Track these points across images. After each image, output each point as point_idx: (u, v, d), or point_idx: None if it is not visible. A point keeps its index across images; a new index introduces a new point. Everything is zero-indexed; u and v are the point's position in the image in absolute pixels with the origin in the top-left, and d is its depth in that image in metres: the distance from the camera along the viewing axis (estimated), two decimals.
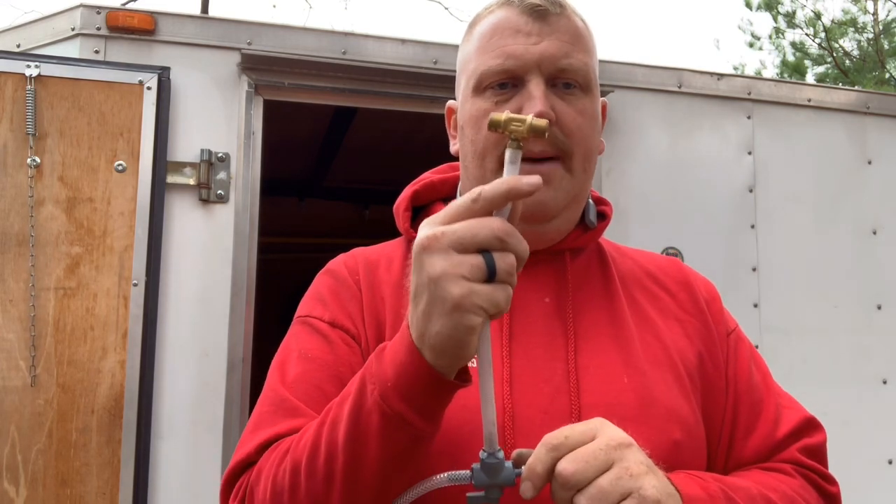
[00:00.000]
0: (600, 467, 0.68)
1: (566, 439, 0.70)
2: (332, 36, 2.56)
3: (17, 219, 2.12)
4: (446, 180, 1.05)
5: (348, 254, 1.01)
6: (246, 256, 2.35)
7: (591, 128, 0.92)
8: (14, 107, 2.15)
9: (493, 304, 0.64)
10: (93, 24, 2.30)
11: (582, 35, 0.92)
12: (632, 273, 1.01)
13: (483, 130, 0.90)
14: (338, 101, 2.63)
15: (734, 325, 1.01)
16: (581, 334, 0.90)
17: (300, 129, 3.80)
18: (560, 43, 0.89)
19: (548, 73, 0.88)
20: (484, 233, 0.64)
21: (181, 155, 2.31)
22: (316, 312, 0.94)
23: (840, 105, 3.11)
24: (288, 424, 0.83)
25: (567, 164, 0.90)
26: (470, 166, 0.94)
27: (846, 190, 3.07)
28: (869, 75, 13.69)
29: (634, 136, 2.82)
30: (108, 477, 2.10)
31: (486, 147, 0.90)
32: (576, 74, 0.90)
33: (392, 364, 0.70)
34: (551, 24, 0.89)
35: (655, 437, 0.84)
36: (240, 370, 2.30)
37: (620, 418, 0.83)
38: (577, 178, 0.92)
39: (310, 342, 0.90)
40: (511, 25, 0.89)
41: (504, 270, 0.64)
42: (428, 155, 3.60)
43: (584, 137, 0.91)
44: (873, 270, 3.05)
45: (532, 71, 0.88)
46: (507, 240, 0.64)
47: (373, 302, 0.93)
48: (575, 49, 0.90)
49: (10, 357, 2.07)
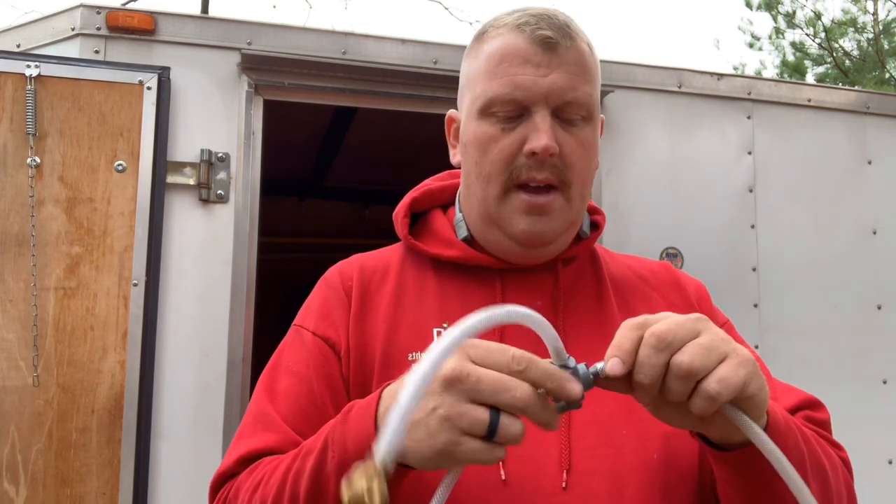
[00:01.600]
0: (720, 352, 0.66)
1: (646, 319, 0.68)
2: (332, 36, 2.56)
3: (18, 219, 2.12)
4: (445, 188, 1.08)
5: (347, 260, 1.04)
6: (246, 256, 2.35)
7: (589, 157, 0.95)
8: (14, 107, 2.15)
9: (474, 460, 0.63)
10: (93, 24, 2.30)
11: (587, 65, 0.94)
12: (623, 276, 1.04)
13: (488, 155, 0.92)
14: (338, 101, 2.63)
15: (725, 320, 1.04)
16: (571, 336, 0.92)
17: (300, 129, 3.81)
18: (567, 76, 0.91)
19: (554, 106, 0.91)
20: (507, 397, 0.63)
21: (181, 155, 2.31)
22: (305, 321, 0.98)
23: (840, 105, 3.11)
24: (264, 440, 0.88)
25: (566, 193, 0.93)
26: (473, 186, 0.97)
27: (846, 190, 3.07)
28: (869, 75, 13.69)
29: (634, 136, 2.82)
30: (108, 477, 2.10)
31: (490, 172, 0.93)
32: (580, 108, 0.92)
33: (355, 434, 0.71)
34: (560, 55, 0.90)
35: (644, 430, 0.86)
36: (240, 370, 2.30)
37: (608, 413, 0.87)
38: (575, 207, 0.95)
39: (296, 355, 0.95)
40: (520, 54, 0.90)
41: (504, 436, 0.63)
42: (428, 155, 3.61)
43: (583, 168, 0.94)
44: (873, 270, 3.05)
45: (539, 103, 0.90)
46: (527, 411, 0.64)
47: (362, 311, 0.95)
48: (580, 81, 0.92)
49: (10, 357, 2.07)
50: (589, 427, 0.86)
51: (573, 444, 0.85)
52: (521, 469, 0.84)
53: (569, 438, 0.85)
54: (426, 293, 0.96)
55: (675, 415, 0.70)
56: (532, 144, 0.89)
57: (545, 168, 0.90)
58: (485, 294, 0.95)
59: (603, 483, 0.84)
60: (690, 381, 0.65)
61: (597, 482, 0.84)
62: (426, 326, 0.93)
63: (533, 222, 0.92)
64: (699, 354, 0.64)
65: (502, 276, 0.97)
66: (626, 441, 0.86)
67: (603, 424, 0.86)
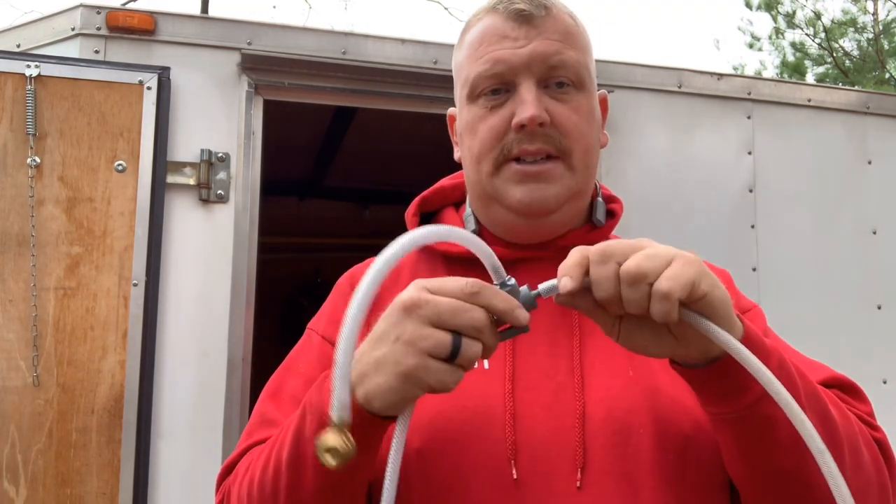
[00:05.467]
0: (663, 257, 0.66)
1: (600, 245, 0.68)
2: (332, 36, 2.56)
3: (18, 219, 2.12)
4: (457, 185, 1.07)
5: (359, 265, 1.04)
6: (246, 256, 2.35)
7: (587, 124, 0.93)
8: (14, 107, 2.15)
9: (440, 382, 0.65)
10: (93, 24, 2.30)
11: (571, 32, 0.92)
12: None
13: (478, 136, 0.91)
14: (338, 101, 2.63)
15: (751, 306, 1.01)
16: (586, 330, 0.89)
17: (300, 129, 3.80)
18: (548, 42, 0.89)
19: (539, 74, 0.89)
20: (464, 319, 0.65)
21: (181, 155, 2.31)
22: (316, 325, 1.01)
23: (840, 105, 3.11)
24: (268, 433, 0.89)
25: (567, 161, 0.91)
26: (468, 171, 0.96)
27: (846, 190, 3.07)
28: (869, 75, 13.69)
29: (634, 136, 2.82)
30: (108, 477, 2.10)
31: (481, 151, 0.92)
32: (567, 72, 0.90)
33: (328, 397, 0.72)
34: (537, 26, 0.90)
35: (663, 428, 0.83)
36: (240, 370, 2.30)
37: (626, 411, 0.84)
38: (579, 174, 0.92)
39: (304, 356, 0.97)
40: (497, 31, 0.91)
41: (466, 357, 0.65)
42: (428, 155, 3.61)
43: (581, 134, 0.91)
44: (873, 270, 3.04)
45: (522, 74, 0.89)
46: (482, 333, 0.66)
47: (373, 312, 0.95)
48: (564, 46, 0.90)
49: (10, 357, 2.07)
50: (604, 425, 0.83)
51: (588, 442, 0.82)
52: (534, 468, 0.81)
53: (583, 436, 0.82)
54: None
55: (648, 339, 0.69)
56: (519, 117, 0.88)
57: (537, 139, 0.89)
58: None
59: (618, 483, 0.81)
60: (641, 284, 0.65)
61: (612, 482, 0.81)
62: None
63: (530, 190, 0.90)
64: (645, 259, 0.65)
65: (513, 268, 0.95)
66: (641, 440, 0.83)
67: (619, 423, 0.83)
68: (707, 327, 0.66)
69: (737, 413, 0.72)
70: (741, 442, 0.75)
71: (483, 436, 0.83)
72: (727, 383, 0.71)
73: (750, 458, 0.76)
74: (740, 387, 0.71)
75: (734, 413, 0.73)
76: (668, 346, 0.70)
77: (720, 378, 0.71)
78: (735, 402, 0.72)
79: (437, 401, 0.84)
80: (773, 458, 0.74)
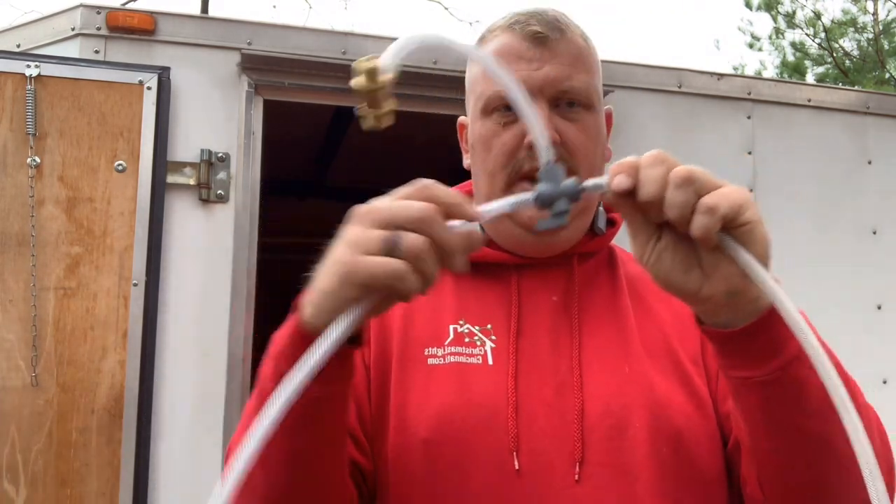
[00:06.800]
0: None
1: None
2: (332, 36, 2.57)
3: (18, 219, 2.12)
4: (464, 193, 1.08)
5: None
6: (246, 256, 2.35)
7: (594, 143, 0.97)
8: (14, 107, 2.15)
9: (369, 276, 0.62)
10: (93, 24, 2.30)
11: (582, 55, 0.96)
12: (641, 276, 1.02)
13: (492, 150, 0.95)
14: (338, 101, 2.63)
15: None
16: (585, 331, 0.93)
17: (300, 129, 3.80)
18: (561, 67, 0.93)
19: (550, 96, 0.93)
20: (402, 214, 0.64)
21: (181, 155, 2.31)
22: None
23: (840, 105, 3.11)
24: None
25: None
26: (480, 183, 0.99)
27: (846, 190, 3.07)
28: (869, 75, 13.70)
29: (634, 136, 2.81)
30: (108, 477, 2.10)
31: (494, 167, 0.95)
32: (577, 95, 0.94)
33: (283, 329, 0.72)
34: (552, 48, 0.93)
35: (658, 423, 0.87)
36: (240, 370, 2.30)
37: (622, 407, 0.88)
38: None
39: None
40: (513, 52, 0.94)
41: (407, 249, 0.62)
42: (428, 155, 3.60)
43: (587, 154, 0.96)
44: (873, 270, 3.04)
45: (534, 95, 0.91)
46: (423, 223, 0.63)
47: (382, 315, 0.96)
48: (575, 70, 0.94)
49: (10, 357, 2.07)
50: (601, 421, 0.87)
51: (586, 436, 0.86)
52: (535, 460, 0.85)
53: (581, 431, 0.86)
54: (443, 292, 0.97)
55: (677, 266, 0.68)
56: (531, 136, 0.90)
57: None
58: (501, 289, 0.97)
59: (615, 476, 0.85)
60: (689, 187, 0.65)
61: (609, 475, 0.85)
62: (442, 323, 0.94)
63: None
64: (697, 170, 0.66)
65: (518, 272, 0.98)
66: (637, 434, 0.86)
67: (615, 418, 0.87)
68: (745, 259, 0.63)
69: (768, 376, 0.70)
70: (768, 407, 0.72)
71: (487, 427, 0.86)
72: (761, 342, 0.69)
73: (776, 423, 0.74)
74: (774, 348, 0.69)
75: (766, 376, 0.70)
76: (692, 281, 0.68)
77: (754, 337, 0.69)
78: (767, 365, 0.69)
79: (443, 394, 0.88)
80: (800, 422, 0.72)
